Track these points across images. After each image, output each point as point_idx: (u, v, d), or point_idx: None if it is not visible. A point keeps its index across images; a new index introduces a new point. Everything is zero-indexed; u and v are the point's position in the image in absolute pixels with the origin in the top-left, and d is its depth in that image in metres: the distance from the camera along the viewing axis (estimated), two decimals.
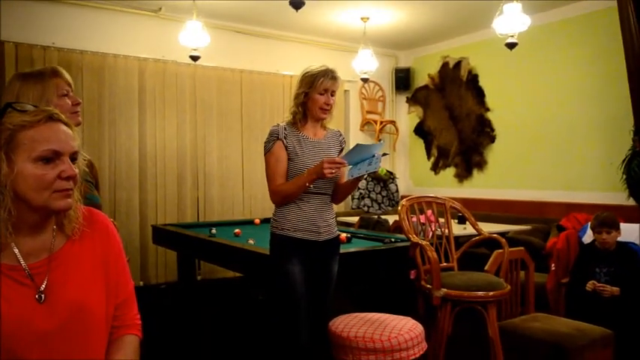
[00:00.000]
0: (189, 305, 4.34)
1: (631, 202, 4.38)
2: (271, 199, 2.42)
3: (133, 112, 5.22)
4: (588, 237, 3.77)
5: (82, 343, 1.15)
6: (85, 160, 1.98)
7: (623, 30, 4.20)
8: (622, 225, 3.54)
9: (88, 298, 1.17)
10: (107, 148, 5.06)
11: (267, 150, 2.40)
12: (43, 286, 1.12)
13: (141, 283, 5.18)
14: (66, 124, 1.16)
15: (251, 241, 3.46)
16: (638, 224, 3.96)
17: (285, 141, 2.36)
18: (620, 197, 4.47)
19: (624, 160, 4.33)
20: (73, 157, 1.15)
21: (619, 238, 3.43)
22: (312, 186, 2.29)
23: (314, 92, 2.35)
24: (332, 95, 2.39)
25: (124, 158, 5.17)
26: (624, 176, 4.33)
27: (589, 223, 3.67)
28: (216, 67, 5.68)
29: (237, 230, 3.97)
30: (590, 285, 3.30)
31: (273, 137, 2.38)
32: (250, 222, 4.73)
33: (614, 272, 3.34)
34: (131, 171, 5.21)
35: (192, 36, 4.49)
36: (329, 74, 2.36)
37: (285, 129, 2.39)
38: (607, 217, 3.41)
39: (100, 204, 2.01)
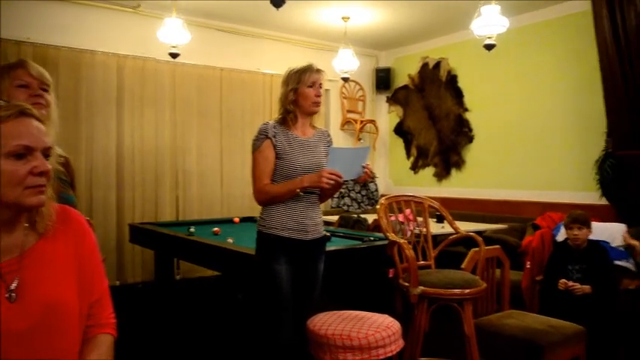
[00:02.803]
0: (167, 304, 4.30)
1: (603, 201, 4.49)
2: (255, 198, 2.40)
3: (110, 110, 5.16)
4: (562, 235, 3.85)
5: (55, 342, 1.14)
6: (60, 157, 1.95)
7: (598, 33, 4.30)
8: (594, 224, 3.62)
9: (60, 296, 1.15)
10: (84, 146, 4.98)
11: (256, 148, 2.38)
12: (14, 284, 1.10)
13: (117, 283, 5.12)
14: (38, 119, 1.14)
15: (230, 240, 3.44)
16: (609, 223, 4.07)
17: (274, 140, 2.35)
18: (593, 197, 4.58)
19: (597, 160, 4.43)
20: (46, 153, 1.13)
21: (590, 237, 3.52)
22: (301, 192, 2.29)
23: (303, 87, 2.36)
24: (320, 88, 2.40)
25: (101, 156, 5.10)
26: (597, 176, 4.43)
27: (562, 222, 3.75)
28: (196, 64, 5.63)
29: (215, 229, 3.95)
30: (561, 284, 3.37)
31: (262, 135, 2.36)
32: (229, 221, 4.71)
33: (586, 269, 3.42)
34: (108, 169, 5.14)
35: (171, 33, 4.45)
36: (314, 68, 2.39)
37: (274, 127, 2.38)
38: (579, 215, 3.49)
39: (75, 204, 1.98)
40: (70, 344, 1.18)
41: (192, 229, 3.84)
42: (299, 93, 2.36)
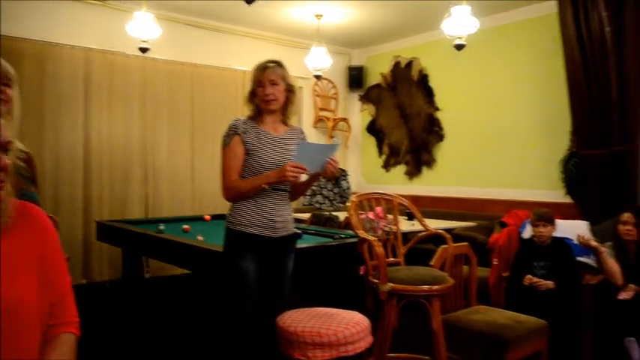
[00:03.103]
0: (136, 303, 4.24)
1: (567, 199, 4.61)
2: (223, 195, 2.39)
3: (77, 104, 5.04)
4: (528, 233, 3.95)
5: (13, 341, 1.10)
6: (21, 153, 1.90)
7: (563, 36, 4.41)
8: (558, 221, 3.73)
9: (19, 295, 1.12)
10: (49, 141, 4.86)
11: (225, 144, 2.37)
12: None
13: (84, 281, 5.01)
14: None
15: (200, 238, 3.42)
16: (573, 220, 4.19)
17: (243, 136, 2.34)
18: (558, 195, 4.71)
19: (562, 159, 4.55)
20: (5, 148, 1.10)
21: (555, 234, 3.62)
22: (268, 187, 2.29)
23: (254, 86, 2.38)
24: (274, 84, 2.35)
25: (67, 152, 4.98)
26: (562, 175, 4.55)
27: (529, 220, 3.85)
28: (167, 60, 5.55)
29: (185, 226, 3.91)
30: (526, 280, 3.46)
31: (232, 132, 2.36)
32: (200, 218, 4.67)
33: (550, 266, 3.52)
34: (75, 165, 5.02)
35: (141, 27, 4.37)
36: (260, 66, 2.37)
37: (244, 124, 2.37)
38: (545, 212, 3.59)
39: (38, 200, 1.93)
40: (30, 344, 1.15)
41: (161, 227, 3.78)
42: (255, 92, 2.39)
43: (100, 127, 5.17)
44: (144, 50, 4.46)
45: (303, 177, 2.41)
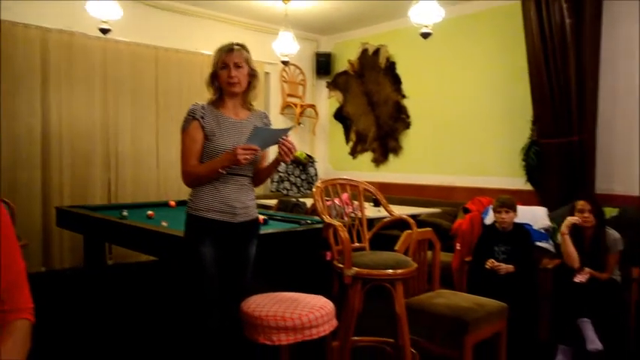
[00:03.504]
0: (98, 291, 4.15)
1: (528, 186, 4.75)
2: (183, 180, 2.37)
3: (34, 86, 4.85)
4: (490, 219, 4.05)
5: None
6: None
7: (526, 26, 4.50)
8: (519, 207, 3.84)
9: None
10: (5, 124, 4.67)
11: (183, 129, 2.34)
12: None
13: (43, 269, 4.88)
14: None
15: (164, 224, 3.37)
16: (532, 207, 4.32)
17: (202, 121, 2.31)
18: (519, 182, 4.83)
19: (523, 148, 4.67)
20: None
21: (516, 220, 3.73)
22: (225, 171, 2.26)
23: (217, 69, 2.33)
24: (238, 67, 2.32)
25: (24, 135, 4.80)
26: (523, 163, 4.67)
27: (491, 206, 3.94)
28: (130, 42, 5.40)
29: (149, 212, 3.85)
30: (488, 263, 3.56)
31: (190, 116, 2.32)
32: (165, 204, 4.60)
33: (511, 251, 3.63)
34: (32, 149, 4.85)
35: (101, 7, 4.23)
36: (225, 48, 2.33)
37: (203, 108, 2.34)
38: (507, 199, 3.70)
39: None
40: None
41: (124, 213, 3.71)
42: (216, 75, 2.34)
43: (59, 110, 5.00)
44: (104, 31, 4.32)
45: (266, 156, 2.39)
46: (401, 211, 3.44)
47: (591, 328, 3.02)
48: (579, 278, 3.25)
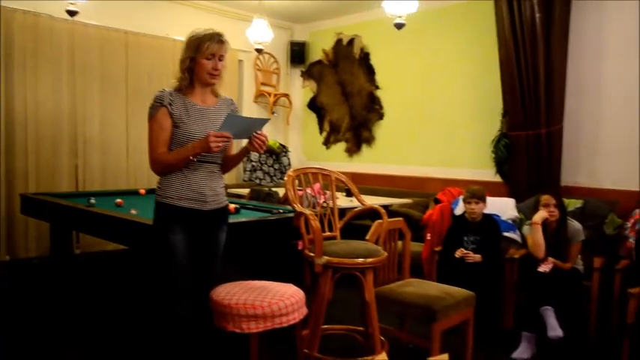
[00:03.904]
0: (66, 281, 4.07)
1: (498, 178, 4.84)
2: (151, 168, 2.33)
3: None
4: (460, 209, 4.12)
5: None
6: None
7: (497, 20, 4.56)
8: (488, 199, 3.91)
9: None
10: None
11: (151, 116, 2.29)
12: None
13: (7, 258, 4.76)
14: None
15: (133, 212, 3.32)
16: (501, 198, 4.41)
17: (170, 107, 2.26)
18: (489, 174, 4.92)
19: (493, 140, 4.75)
20: None
21: (485, 211, 3.80)
22: (195, 159, 2.23)
23: (201, 57, 2.26)
24: (220, 60, 2.31)
25: None
26: (493, 155, 4.76)
27: (461, 197, 4.01)
28: (98, 25, 5.26)
29: (118, 200, 3.78)
30: (458, 252, 3.63)
31: (158, 103, 2.27)
32: (135, 192, 4.52)
33: (480, 241, 3.71)
34: None
35: None
36: (215, 38, 2.27)
37: (170, 95, 2.29)
38: (476, 190, 3.76)
39: None
40: None
41: (92, 200, 3.63)
42: (196, 62, 2.27)
43: (24, 95, 4.84)
44: (72, 13, 4.20)
45: (233, 142, 2.38)
46: (373, 201, 3.47)
47: (553, 315, 3.11)
48: (543, 268, 3.34)
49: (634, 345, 2.82)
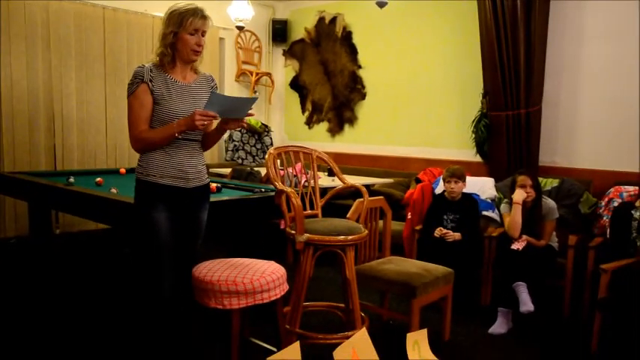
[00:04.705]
0: (45, 261, 4.03)
1: (478, 158, 4.90)
2: (132, 146, 2.30)
3: None
4: (440, 188, 4.17)
5: None
6: None
7: (479, 1, 4.56)
8: (468, 178, 3.97)
9: None
10: None
11: (130, 93, 2.25)
12: None
13: None
14: None
15: (114, 190, 3.28)
16: (480, 177, 4.47)
17: (150, 84, 2.23)
18: (469, 154, 4.98)
19: (474, 120, 4.79)
20: None
21: (465, 190, 3.86)
22: (179, 136, 2.22)
23: (184, 32, 2.23)
24: (202, 36, 2.29)
25: None
26: (473, 135, 4.81)
27: (442, 176, 4.06)
28: (74, 0, 5.12)
29: (98, 179, 3.73)
30: (437, 232, 3.69)
31: (138, 79, 2.23)
32: (115, 171, 4.47)
33: (459, 219, 3.77)
34: None
35: None
36: (199, 13, 2.24)
37: (150, 71, 2.25)
38: (456, 170, 3.81)
39: None
40: None
41: (71, 179, 3.59)
42: (178, 37, 2.24)
43: None
44: None
45: (213, 127, 2.36)
46: (355, 180, 3.49)
47: (525, 291, 3.20)
48: (516, 245, 3.42)
49: (605, 319, 2.92)
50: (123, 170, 4.46)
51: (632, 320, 2.71)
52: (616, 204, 3.62)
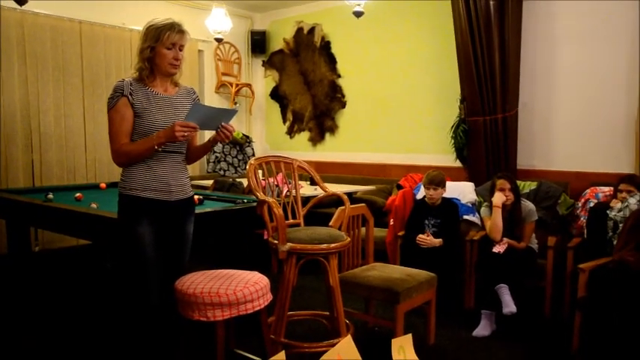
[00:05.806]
0: (25, 279, 3.97)
1: (457, 163, 4.96)
2: (114, 160, 2.29)
3: None
4: (421, 193, 4.21)
5: None
6: None
7: (453, 7, 4.64)
8: (449, 183, 4.02)
9: None
10: None
11: (111, 107, 2.25)
12: None
13: None
14: None
15: (94, 205, 3.26)
16: (461, 182, 4.53)
17: (130, 97, 2.23)
18: (449, 159, 5.04)
19: (452, 126, 4.86)
20: None
21: (445, 195, 3.91)
22: (160, 148, 2.22)
23: (161, 47, 2.24)
24: (180, 50, 2.30)
25: None
26: (452, 141, 4.87)
27: (422, 182, 4.10)
28: (50, 15, 5.09)
29: (78, 194, 3.70)
30: (418, 239, 3.72)
31: (118, 93, 2.23)
32: (95, 186, 4.44)
33: (440, 224, 3.81)
34: None
35: None
36: (175, 27, 2.25)
37: (131, 84, 2.25)
38: (435, 176, 3.85)
39: None
40: None
41: (50, 196, 3.55)
42: (156, 52, 2.25)
43: None
44: (21, 2, 4.03)
45: (199, 140, 2.36)
46: (337, 189, 3.51)
47: (507, 293, 3.25)
48: (497, 249, 3.47)
49: (585, 317, 2.97)
50: (103, 185, 4.43)
51: (611, 318, 2.77)
52: (592, 205, 3.69)
